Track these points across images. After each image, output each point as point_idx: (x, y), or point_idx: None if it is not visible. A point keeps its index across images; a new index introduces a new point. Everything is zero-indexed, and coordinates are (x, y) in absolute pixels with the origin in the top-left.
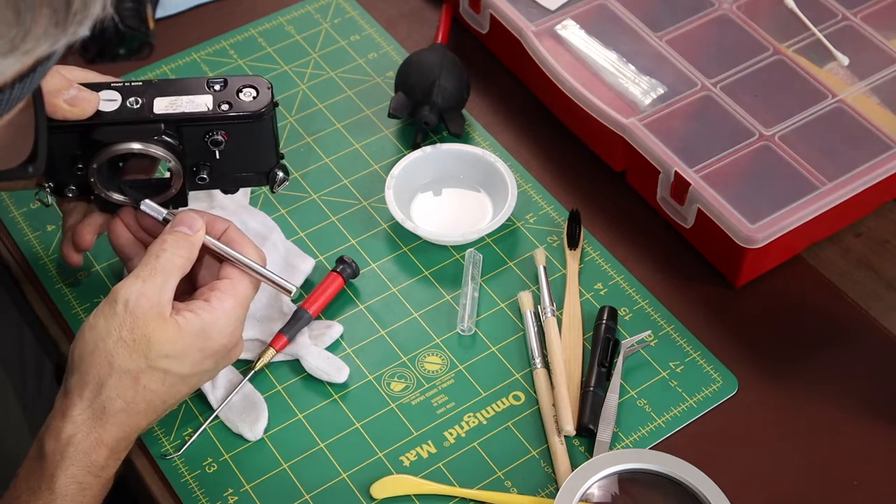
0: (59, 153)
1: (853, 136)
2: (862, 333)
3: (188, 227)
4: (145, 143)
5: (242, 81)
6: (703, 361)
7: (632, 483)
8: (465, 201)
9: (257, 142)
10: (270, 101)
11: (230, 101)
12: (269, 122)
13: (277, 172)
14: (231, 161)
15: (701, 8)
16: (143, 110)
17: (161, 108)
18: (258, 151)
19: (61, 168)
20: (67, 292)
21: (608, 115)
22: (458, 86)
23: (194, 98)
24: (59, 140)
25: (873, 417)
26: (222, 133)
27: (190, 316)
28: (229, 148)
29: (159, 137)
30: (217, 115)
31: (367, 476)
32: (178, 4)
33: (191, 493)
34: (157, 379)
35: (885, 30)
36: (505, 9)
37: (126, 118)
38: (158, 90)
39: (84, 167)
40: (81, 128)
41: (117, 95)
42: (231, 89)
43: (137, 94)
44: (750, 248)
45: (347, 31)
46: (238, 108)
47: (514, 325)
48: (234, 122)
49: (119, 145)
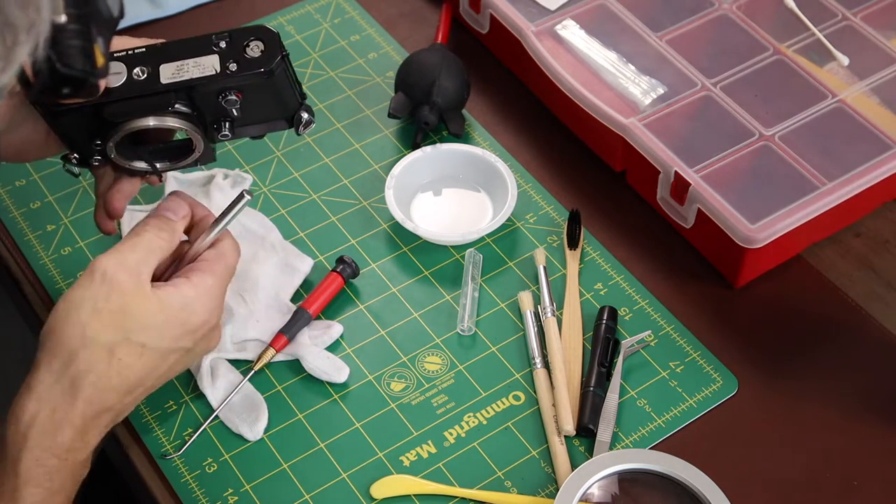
0: (77, 132)
1: (853, 136)
2: (862, 333)
3: (173, 213)
4: (159, 116)
5: (248, 35)
6: (703, 361)
7: (632, 483)
8: (465, 201)
9: (274, 93)
10: (280, 54)
11: (237, 60)
12: (282, 73)
13: (302, 115)
14: (251, 112)
15: (701, 8)
16: (151, 81)
17: (168, 76)
18: (277, 100)
19: (81, 144)
20: None
21: (608, 115)
22: (458, 86)
23: (200, 60)
24: (73, 121)
25: (873, 417)
26: (235, 92)
27: (171, 290)
28: (246, 103)
29: (172, 108)
30: (226, 75)
31: (367, 476)
32: (178, 4)
33: (191, 493)
34: (135, 353)
35: (885, 30)
36: (505, 9)
37: (135, 92)
38: (163, 55)
39: (102, 143)
40: (92, 106)
41: (122, 66)
42: (237, 44)
43: (142, 63)
44: (750, 248)
45: (347, 31)
46: (247, 67)
47: (514, 325)
48: (245, 81)
49: (133, 122)
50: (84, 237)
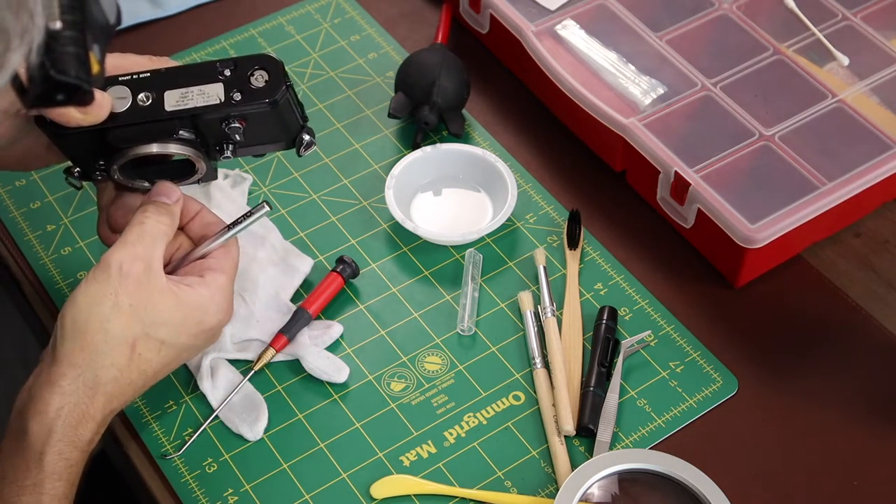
0: (81, 151)
1: (853, 136)
2: (862, 333)
3: (167, 197)
4: (163, 143)
5: (252, 63)
6: (703, 361)
7: (632, 483)
8: (465, 201)
9: (278, 120)
10: (283, 84)
11: (242, 89)
12: (286, 104)
13: (304, 137)
14: (254, 135)
15: (701, 8)
16: (156, 108)
17: (173, 103)
18: (280, 126)
19: (84, 162)
20: (67, 292)
21: (608, 115)
22: (458, 86)
23: (205, 88)
24: (75, 141)
25: (873, 417)
26: (239, 120)
27: (187, 289)
28: (250, 128)
29: (176, 135)
30: (230, 104)
31: (367, 476)
32: (178, 4)
33: (191, 493)
34: (153, 348)
35: (885, 30)
36: (505, 9)
37: (140, 118)
38: (167, 81)
39: (105, 164)
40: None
41: (126, 91)
42: (241, 73)
43: (147, 89)
44: (750, 248)
45: (347, 31)
46: (251, 97)
47: (514, 325)
48: (249, 110)
49: (137, 149)
50: (84, 237)
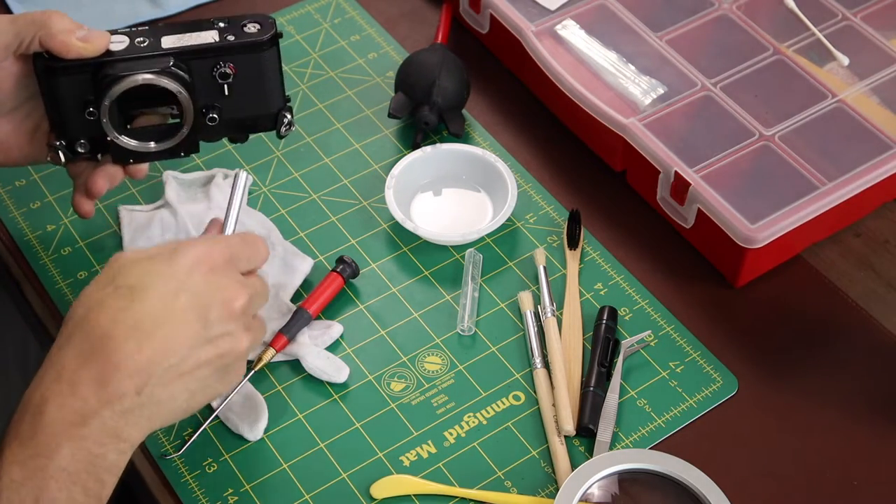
0: (71, 100)
1: (853, 136)
2: (862, 333)
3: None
4: (156, 73)
5: (246, 18)
6: (703, 361)
7: (632, 483)
8: (465, 201)
9: (264, 77)
10: (274, 32)
11: (235, 34)
12: (274, 53)
13: (285, 115)
14: (239, 100)
15: (701, 8)
16: (152, 46)
17: (169, 44)
18: (265, 89)
19: (73, 118)
20: (67, 292)
21: (608, 115)
22: (458, 86)
23: (201, 33)
24: (69, 85)
25: (873, 417)
26: (230, 65)
27: None
28: (237, 85)
29: (169, 69)
30: (223, 45)
31: (367, 476)
32: (178, 4)
33: (191, 493)
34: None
35: (885, 30)
36: (505, 9)
37: (136, 54)
38: (165, 30)
39: (96, 110)
40: (92, 67)
41: (125, 38)
42: (235, 23)
43: (144, 35)
44: (750, 248)
45: (347, 31)
46: (244, 37)
47: (514, 325)
48: (241, 51)
49: (130, 77)
50: (84, 237)
